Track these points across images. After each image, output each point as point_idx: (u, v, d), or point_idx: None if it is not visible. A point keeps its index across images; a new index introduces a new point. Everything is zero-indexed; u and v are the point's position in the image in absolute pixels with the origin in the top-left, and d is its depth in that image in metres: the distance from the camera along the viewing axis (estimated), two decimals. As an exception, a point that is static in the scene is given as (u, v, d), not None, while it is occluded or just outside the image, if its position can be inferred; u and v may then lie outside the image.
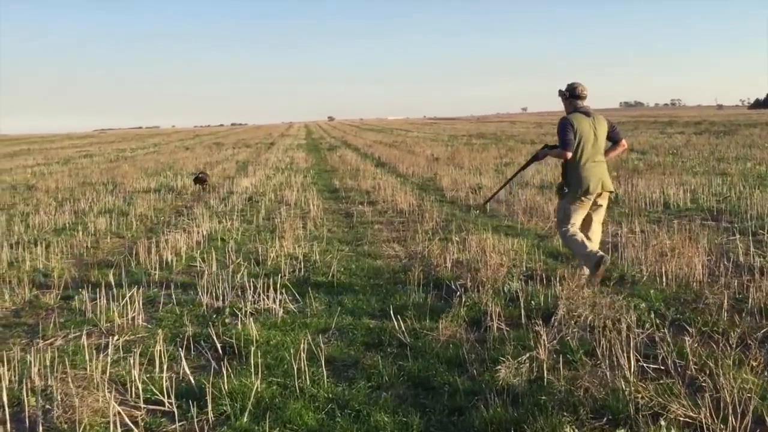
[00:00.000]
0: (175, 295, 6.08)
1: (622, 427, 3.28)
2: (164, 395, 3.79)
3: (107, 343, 4.64)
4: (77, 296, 5.99)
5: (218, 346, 4.60)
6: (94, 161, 27.93)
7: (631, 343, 3.98)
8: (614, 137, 6.05)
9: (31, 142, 63.24)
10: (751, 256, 6.42)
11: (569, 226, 5.93)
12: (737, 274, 5.84)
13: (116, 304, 5.49)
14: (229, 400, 3.75)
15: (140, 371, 4.08)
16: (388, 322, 4.95)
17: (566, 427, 3.24)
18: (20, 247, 8.35)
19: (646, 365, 3.90)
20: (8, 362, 4.17)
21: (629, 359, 3.84)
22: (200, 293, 5.88)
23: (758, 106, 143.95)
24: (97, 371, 4.04)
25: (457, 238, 7.51)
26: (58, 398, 3.73)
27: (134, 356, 4.22)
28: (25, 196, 14.65)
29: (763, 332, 4.46)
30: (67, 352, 4.64)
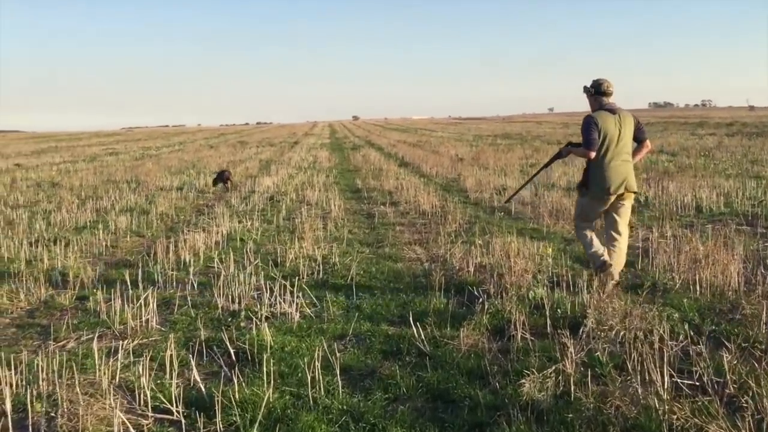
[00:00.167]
0: (191, 296, 5.96)
1: (655, 449, 3.06)
2: (173, 403, 3.65)
3: (119, 346, 4.52)
4: (92, 297, 5.90)
5: (231, 351, 4.46)
6: (119, 159, 28.12)
7: (664, 357, 3.74)
8: (639, 136, 5.83)
9: (59, 139, 64.15)
10: (790, 264, 6.12)
11: (584, 222, 5.96)
12: (776, 283, 5.55)
13: (131, 306, 5.38)
14: (239, 410, 3.60)
15: (150, 377, 3.96)
16: (407, 329, 4.77)
17: (595, 448, 3.03)
18: (40, 245, 8.33)
19: (680, 381, 3.66)
20: (17, 365, 4.07)
21: (662, 375, 3.62)
22: (216, 295, 5.75)
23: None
24: (105, 377, 3.92)
25: (480, 241, 7.29)
26: (63, 405, 3.61)
27: (145, 361, 4.10)
28: (49, 193, 14.72)
29: (806, 347, 4.19)
30: (77, 355, 4.53)
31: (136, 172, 19.54)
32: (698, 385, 3.67)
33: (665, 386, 3.55)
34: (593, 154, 5.57)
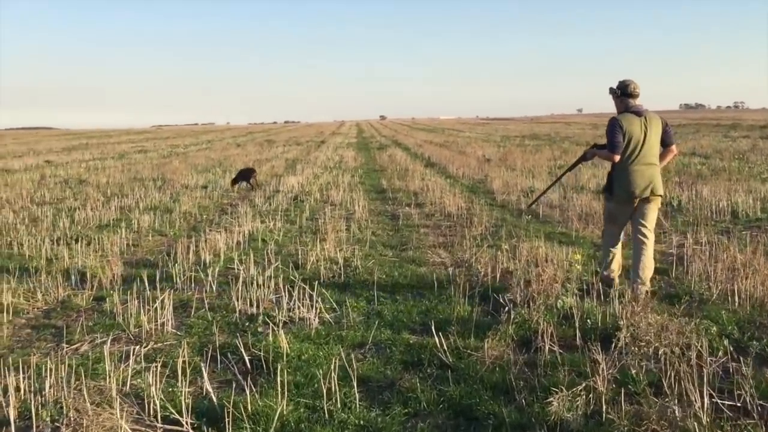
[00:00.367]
0: (209, 299, 5.85)
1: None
2: (183, 414, 3.50)
3: (132, 351, 4.40)
4: (109, 298, 5.81)
5: (246, 359, 4.31)
6: (147, 157, 28.32)
7: (704, 375, 3.50)
8: (666, 140, 5.65)
9: (90, 136, 65.00)
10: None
11: (612, 234, 5.83)
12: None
13: (147, 308, 5.26)
14: (251, 423, 3.44)
15: (161, 385, 3.82)
16: (429, 338, 4.57)
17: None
18: (62, 243, 8.29)
19: (720, 402, 3.41)
20: (26, 369, 3.96)
21: (701, 395, 3.37)
22: (234, 298, 5.62)
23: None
24: (115, 384, 3.79)
25: (506, 245, 7.06)
26: (69, 414, 3.49)
27: (157, 368, 3.97)
28: (75, 190, 14.80)
29: None
30: (89, 359, 4.42)
31: (162, 170, 19.61)
32: (740, 406, 3.42)
33: (705, 408, 3.31)
34: (617, 157, 5.45)
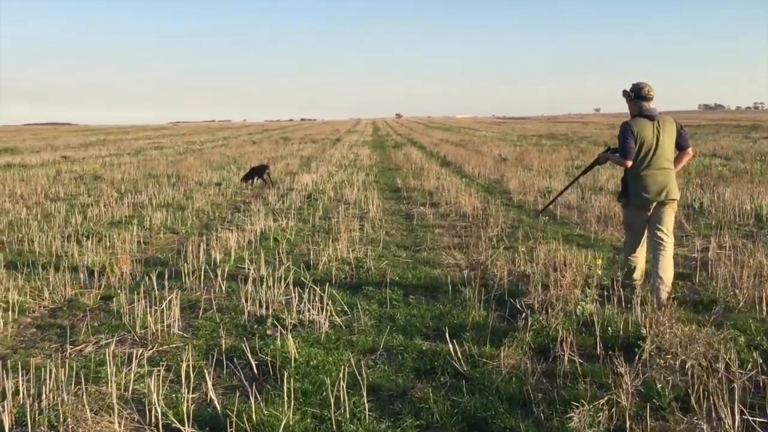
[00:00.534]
0: (217, 299, 5.72)
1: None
2: (185, 422, 3.37)
3: (136, 354, 4.26)
4: (116, 297, 5.69)
5: (253, 364, 4.16)
6: (163, 153, 28.34)
7: (735, 390, 3.30)
8: (681, 143, 5.55)
9: (108, 132, 65.41)
10: None
11: (632, 241, 5.67)
12: None
13: (155, 308, 5.13)
14: (255, 433, 3.29)
15: (164, 391, 3.69)
16: (442, 344, 4.40)
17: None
18: (72, 239, 8.20)
19: (752, 420, 3.21)
20: (27, 372, 3.85)
21: (732, 411, 3.17)
22: (243, 299, 5.48)
23: None
24: (117, 389, 3.66)
25: (523, 248, 6.88)
26: (67, 421, 3.35)
27: (160, 372, 3.83)
28: (90, 186, 14.77)
29: None
30: (92, 362, 4.29)
31: (177, 166, 19.57)
32: (773, 424, 3.22)
33: (735, 425, 3.12)
34: (629, 162, 5.38)
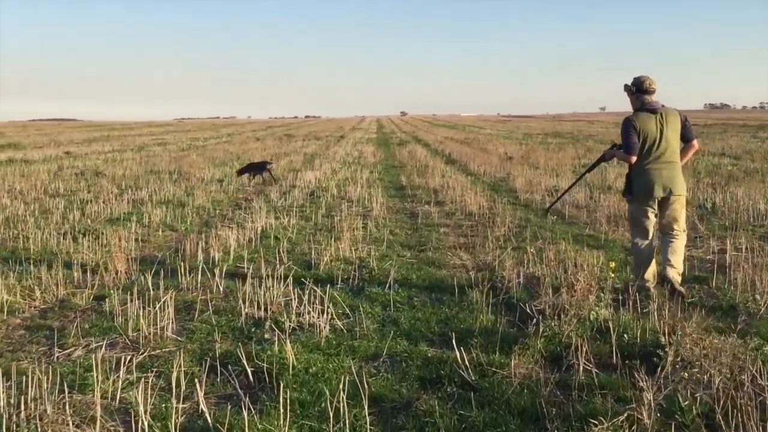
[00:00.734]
0: (214, 301, 5.49)
1: None
2: (174, 436, 3.14)
3: (124, 360, 4.04)
4: (109, 298, 5.47)
5: (249, 371, 3.94)
6: (166, 149, 28.12)
7: (766, 405, 3.05)
8: (686, 135, 5.46)
9: (112, 128, 65.30)
10: None
11: (639, 238, 5.51)
12: None
13: (148, 310, 4.91)
14: (248, 449, 3.07)
15: (152, 400, 3.46)
16: (449, 351, 4.17)
17: None
18: (68, 236, 7.99)
19: (784, 440, 2.97)
20: (9, 379, 3.62)
21: (764, 430, 2.93)
22: (241, 301, 5.25)
23: None
24: (101, 399, 3.45)
25: (532, 248, 6.64)
26: (47, 434, 3.13)
27: (150, 380, 3.61)
28: (90, 182, 14.56)
29: None
30: (80, 367, 4.07)
31: (180, 163, 19.36)
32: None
33: (767, 446, 2.88)
34: (634, 158, 5.31)
